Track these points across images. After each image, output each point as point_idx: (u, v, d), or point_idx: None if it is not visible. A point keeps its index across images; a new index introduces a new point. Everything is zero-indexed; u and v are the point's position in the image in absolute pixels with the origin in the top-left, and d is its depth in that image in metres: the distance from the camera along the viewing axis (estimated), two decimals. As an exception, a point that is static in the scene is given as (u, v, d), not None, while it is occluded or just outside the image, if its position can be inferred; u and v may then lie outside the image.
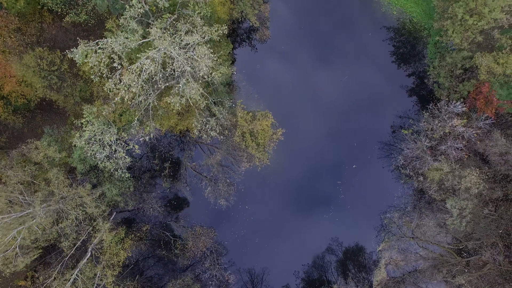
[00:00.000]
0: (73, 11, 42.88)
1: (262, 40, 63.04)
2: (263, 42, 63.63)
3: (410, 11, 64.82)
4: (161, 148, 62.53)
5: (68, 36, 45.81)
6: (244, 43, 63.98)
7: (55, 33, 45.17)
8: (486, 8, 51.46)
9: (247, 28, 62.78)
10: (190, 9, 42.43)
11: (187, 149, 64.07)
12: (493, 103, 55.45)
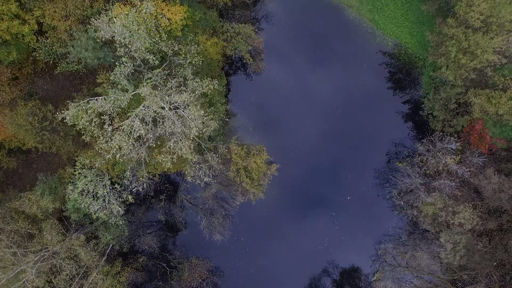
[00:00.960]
0: (64, 61, 43.08)
1: (256, 72, 63.23)
2: (258, 74, 63.82)
3: (405, 42, 64.99)
4: (156, 180, 62.93)
5: (60, 85, 46.05)
6: (238, 75, 64.25)
7: (47, 83, 45.46)
8: (478, 49, 51.68)
9: (241, 61, 62.96)
10: (181, 57, 42.69)
11: (183, 182, 64.53)
12: (487, 140, 55.78)
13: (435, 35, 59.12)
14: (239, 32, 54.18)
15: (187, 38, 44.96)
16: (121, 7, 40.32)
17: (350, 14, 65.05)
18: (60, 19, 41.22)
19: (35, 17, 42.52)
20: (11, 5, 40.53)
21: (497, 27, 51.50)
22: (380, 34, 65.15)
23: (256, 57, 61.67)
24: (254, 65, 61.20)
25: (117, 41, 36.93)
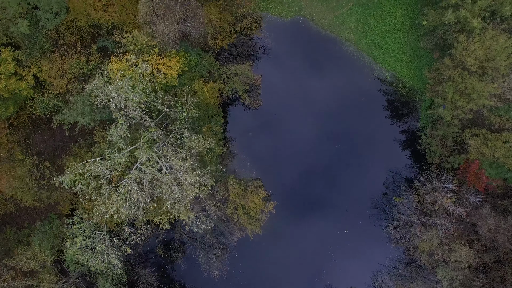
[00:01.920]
0: (60, 114, 43.37)
1: (254, 107, 63.60)
2: (255, 109, 64.19)
3: (403, 76, 65.38)
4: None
5: (56, 138, 46.40)
6: (236, 111, 64.61)
7: (44, 141, 45.84)
8: (475, 92, 52.15)
9: (239, 98, 63.25)
10: (178, 109, 43.06)
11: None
12: (483, 180, 56.34)
13: (433, 73, 59.55)
14: (236, 73, 54.52)
15: (183, 88, 45.33)
16: (117, 62, 40.62)
17: (348, 48, 65.35)
18: (57, 77, 41.57)
19: (32, 73, 42.86)
20: (9, 64, 40.90)
21: (493, 71, 51.93)
22: (378, 68, 65.50)
23: (253, 93, 62.02)
24: (252, 101, 61.62)
25: (112, 106, 37.32)
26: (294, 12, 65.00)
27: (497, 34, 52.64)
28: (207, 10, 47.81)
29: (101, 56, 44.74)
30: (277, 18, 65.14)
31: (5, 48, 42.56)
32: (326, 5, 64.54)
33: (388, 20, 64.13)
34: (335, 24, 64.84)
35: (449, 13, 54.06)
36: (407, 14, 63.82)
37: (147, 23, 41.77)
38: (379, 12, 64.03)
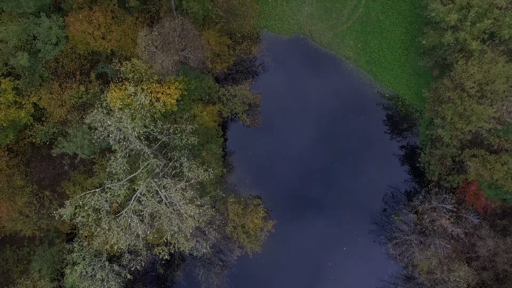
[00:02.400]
0: (59, 147, 43.56)
1: (253, 126, 63.79)
2: (255, 128, 64.36)
3: (402, 93, 65.54)
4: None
5: (56, 166, 46.63)
6: (235, 130, 64.77)
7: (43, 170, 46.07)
8: (474, 115, 52.36)
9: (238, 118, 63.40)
10: (177, 136, 43.29)
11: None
12: (482, 200, 56.63)
13: (432, 92, 59.74)
14: (236, 94, 54.73)
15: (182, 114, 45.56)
16: (116, 90, 40.83)
17: (348, 66, 65.53)
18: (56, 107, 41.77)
19: (31, 102, 43.08)
20: (9, 94, 41.10)
21: (492, 94, 52.12)
22: (378, 85, 65.67)
23: (253, 111, 62.24)
24: (251, 120, 61.80)
25: (111, 140, 37.56)
26: (293, 30, 65.14)
27: (496, 56, 52.84)
28: (206, 36, 48.00)
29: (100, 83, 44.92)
30: (276, 35, 65.29)
31: (5, 79, 42.81)
32: (325, 22, 64.66)
33: (388, 38, 64.24)
34: (334, 41, 64.97)
35: (449, 35, 54.25)
36: (406, 32, 63.93)
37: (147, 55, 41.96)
38: (378, 30, 64.14)
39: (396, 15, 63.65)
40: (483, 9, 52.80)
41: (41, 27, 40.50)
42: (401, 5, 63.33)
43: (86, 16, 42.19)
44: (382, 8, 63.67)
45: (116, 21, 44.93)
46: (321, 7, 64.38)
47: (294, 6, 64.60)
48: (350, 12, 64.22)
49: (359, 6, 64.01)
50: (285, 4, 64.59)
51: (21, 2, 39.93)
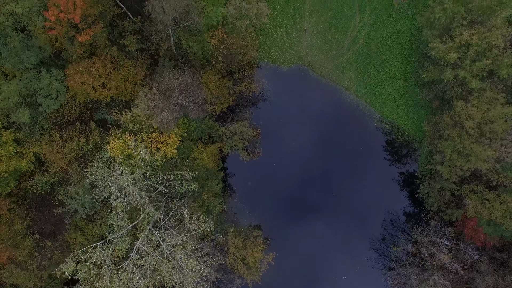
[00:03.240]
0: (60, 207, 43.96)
1: (253, 158, 64.31)
2: (255, 160, 64.89)
3: (402, 124, 66.03)
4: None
5: (57, 217, 47.19)
6: (235, 162, 65.30)
7: (44, 222, 46.64)
8: (472, 155, 52.86)
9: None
10: (178, 183, 43.90)
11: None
12: (481, 237, 57.26)
13: (431, 126, 60.23)
14: (235, 131, 55.23)
15: (183, 162, 46.11)
16: (116, 141, 41.39)
17: (348, 96, 65.97)
18: (57, 160, 42.34)
19: (32, 151, 43.64)
20: (10, 147, 41.65)
21: (491, 134, 52.56)
22: (377, 116, 66.14)
23: (253, 144, 62.76)
24: (251, 153, 62.35)
25: (112, 200, 38.20)
26: (293, 61, 65.51)
27: (495, 94, 53.29)
28: (205, 79, 48.41)
29: (100, 130, 45.39)
30: (276, 66, 65.69)
31: (6, 131, 43.38)
32: (326, 53, 65.02)
33: (388, 69, 64.63)
34: (335, 72, 65.37)
35: (448, 72, 54.67)
36: (407, 64, 64.29)
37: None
38: (379, 61, 64.51)
39: (396, 46, 64.00)
40: (482, 48, 53.16)
41: (41, 82, 41.10)
42: (401, 37, 63.64)
43: (86, 67, 42.64)
44: (382, 39, 63.99)
45: (115, 66, 45.37)
46: (322, 38, 64.72)
47: (294, 37, 64.94)
48: (351, 43, 64.57)
49: (360, 37, 64.33)
50: (285, 35, 64.92)
51: (23, 58, 40.48)
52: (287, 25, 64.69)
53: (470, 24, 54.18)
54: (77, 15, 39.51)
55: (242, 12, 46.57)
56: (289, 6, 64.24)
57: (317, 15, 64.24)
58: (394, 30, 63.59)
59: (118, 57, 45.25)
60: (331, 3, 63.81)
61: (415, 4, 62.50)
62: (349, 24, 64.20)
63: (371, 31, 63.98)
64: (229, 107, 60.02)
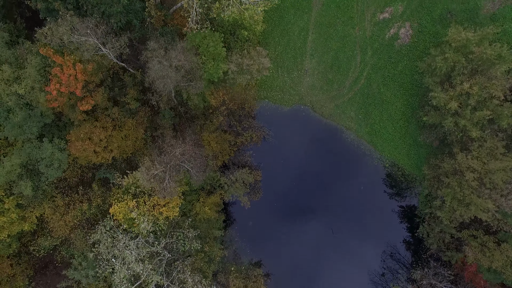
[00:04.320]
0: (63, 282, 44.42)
1: (253, 199, 64.98)
2: (256, 201, 65.56)
3: (402, 163, 66.67)
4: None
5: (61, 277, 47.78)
6: (236, 203, 65.99)
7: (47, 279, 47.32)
8: (473, 205, 53.52)
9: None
10: (180, 243, 44.61)
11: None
12: (481, 283, 58.04)
13: (432, 169, 60.82)
14: (237, 179, 55.87)
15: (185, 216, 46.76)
16: (118, 205, 42.06)
17: (349, 136, 66.54)
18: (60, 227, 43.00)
19: (35, 215, 44.29)
20: (12, 213, 42.24)
21: (491, 184, 53.17)
22: (378, 156, 66.75)
23: (254, 186, 63.42)
24: (252, 194, 63.07)
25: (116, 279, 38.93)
26: (294, 101, 66.01)
27: (496, 142, 53.84)
28: (206, 138, 48.92)
29: (102, 191, 45.96)
30: (277, 106, 66.18)
31: (8, 198, 44.04)
32: (327, 94, 65.50)
33: (389, 110, 65.12)
34: (336, 112, 65.88)
35: (449, 121, 55.19)
36: (407, 104, 64.75)
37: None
38: (380, 101, 64.99)
39: (397, 87, 64.43)
40: (482, 98, 53.65)
41: (43, 152, 41.74)
42: (402, 78, 64.06)
43: (87, 133, 43.19)
44: (383, 80, 64.43)
45: (116, 124, 45.82)
46: (323, 78, 65.17)
47: (295, 77, 65.38)
48: (352, 84, 65.02)
49: (361, 78, 64.77)
50: (286, 75, 65.35)
51: (25, 129, 41.06)
52: (288, 65, 65.12)
53: (471, 73, 54.64)
54: (79, 88, 40.07)
55: (243, 68, 47.01)
56: (290, 47, 64.62)
57: (318, 55, 64.66)
58: (396, 71, 64.00)
59: (119, 115, 45.78)
60: (332, 44, 64.18)
61: (416, 46, 62.85)
62: (351, 65, 64.62)
63: (372, 72, 64.40)
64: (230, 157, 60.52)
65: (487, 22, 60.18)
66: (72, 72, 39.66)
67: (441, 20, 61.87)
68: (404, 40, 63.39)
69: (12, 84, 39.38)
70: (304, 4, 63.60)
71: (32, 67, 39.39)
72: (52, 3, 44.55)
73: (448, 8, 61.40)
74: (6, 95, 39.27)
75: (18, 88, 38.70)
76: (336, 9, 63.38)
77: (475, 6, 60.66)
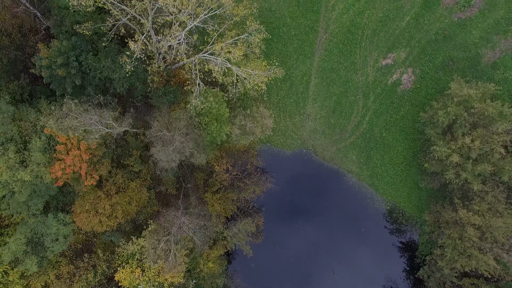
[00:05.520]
0: None
1: (255, 242, 65.78)
2: (257, 243, 66.40)
3: (403, 206, 67.74)
4: None
5: None
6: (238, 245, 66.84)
7: None
8: (473, 259, 54.69)
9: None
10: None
11: None
12: (479, 329, 59.33)
13: (432, 215, 61.94)
14: (239, 230, 56.63)
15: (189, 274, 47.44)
16: (123, 271, 42.70)
17: (350, 179, 67.40)
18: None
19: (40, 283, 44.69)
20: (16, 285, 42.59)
21: (491, 238, 54.33)
22: (379, 199, 67.71)
23: (256, 231, 64.18)
24: (254, 239, 63.84)
25: None
26: (297, 145, 66.70)
27: (497, 194, 54.93)
28: (210, 200, 49.53)
29: (107, 257, 46.39)
30: (280, 150, 66.83)
31: (12, 270, 44.48)
32: (329, 138, 66.23)
33: (391, 154, 66.01)
34: (337, 156, 66.68)
35: (450, 173, 56.16)
36: (409, 149, 65.66)
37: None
38: (381, 145, 65.83)
39: (399, 132, 65.27)
40: (483, 151, 54.61)
41: (49, 229, 42.25)
42: (404, 123, 64.89)
43: (92, 203, 43.67)
44: (385, 125, 65.23)
45: (120, 186, 46.31)
46: (325, 122, 65.86)
47: (298, 121, 66.01)
48: (354, 128, 65.78)
49: (363, 122, 65.53)
50: (288, 120, 65.97)
51: (30, 205, 41.53)
52: (290, 110, 65.73)
53: (472, 125, 55.56)
54: (83, 168, 40.56)
55: (247, 130, 47.55)
56: (292, 91, 65.19)
57: (320, 100, 65.29)
58: (398, 116, 64.80)
59: (122, 178, 46.27)
60: (335, 89, 64.83)
61: (418, 91, 63.66)
62: (353, 110, 65.33)
63: (374, 117, 65.17)
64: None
65: (488, 71, 61.11)
66: (76, 153, 40.12)
67: (443, 67, 62.69)
68: (407, 86, 64.17)
69: (17, 170, 39.81)
70: (307, 50, 64.10)
71: (37, 150, 39.85)
72: (56, 69, 44.85)
73: (450, 56, 62.20)
74: (13, 181, 39.74)
75: (24, 175, 39.21)
76: (339, 55, 63.96)
77: (476, 54, 61.50)
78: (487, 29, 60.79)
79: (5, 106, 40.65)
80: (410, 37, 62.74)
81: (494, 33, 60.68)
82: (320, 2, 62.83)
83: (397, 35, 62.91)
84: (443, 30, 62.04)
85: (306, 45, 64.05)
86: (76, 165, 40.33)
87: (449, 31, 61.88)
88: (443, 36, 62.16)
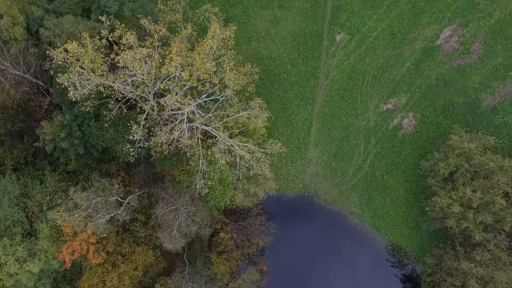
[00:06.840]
0: None
1: (260, 284, 66.83)
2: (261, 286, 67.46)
3: (405, 245, 69.00)
4: None
5: None
6: None
7: None
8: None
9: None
10: None
11: None
12: None
13: (434, 259, 63.27)
14: (244, 279, 57.61)
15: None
16: None
17: (352, 221, 68.50)
18: None
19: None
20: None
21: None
22: (381, 239, 68.85)
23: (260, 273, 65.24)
24: (258, 282, 64.89)
25: None
26: (298, 188, 67.54)
27: (499, 242, 56.25)
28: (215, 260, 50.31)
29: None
30: (282, 194, 67.63)
31: None
32: (330, 181, 67.12)
33: (392, 196, 67.08)
34: (339, 199, 67.65)
35: (452, 221, 57.36)
36: (410, 190, 66.77)
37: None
38: (383, 188, 66.87)
39: (400, 174, 66.31)
40: (484, 201, 55.80)
41: None
42: (405, 166, 65.91)
43: (99, 276, 44.19)
44: (386, 168, 66.21)
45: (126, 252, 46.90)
46: (326, 166, 66.68)
47: (299, 166, 66.78)
48: (355, 171, 66.69)
49: (364, 166, 66.46)
50: (290, 165, 66.70)
51: (38, 286, 41.89)
52: (292, 155, 66.42)
53: (473, 175, 56.63)
54: (91, 251, 41.08)
55: (250, 193, 48.22)
56: (294, 137, 65.84)
57: (322, 145, 66.03)
58: (399, 159, 65.77)
59: (128, 244, 46.91)
60: (336, 133, 65.56)
61: (419, 135, 64.63)
62: (354, 154, 66.18)
63: (375, 160, 66.09)
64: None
65: (488, 115, 62.14)
66: (84, 237, 40.61)
67: (443, 111, 63.63)
68: (408, 130, 65.06)
69: (25, 261, 40.29)
70: (307, 95, 64.66)
71: (44, 238, 40.43)
72: (59, 142, 45.13)
73: (450, 101, 63.12)
74: (21, 273, 40.25)
75: (32, 267, 39.73)
76: (340, 100, 64.60)
77: (476, 99, 62.49)
78: (486, 75, 61.72)
79: (11, 186, 40.99)
80: (410, 82, 63.50)
81: (493, 79, 61.63)
82: (320, 49, 63.27)
83: (398, 81, 63.64)
84: (443, 75, 62.88)
85: (307, 91, 64.60)
86: (83, 249, 40.91)
87: (449, 76, 62.74)
88: (444, 82, 63.00)
